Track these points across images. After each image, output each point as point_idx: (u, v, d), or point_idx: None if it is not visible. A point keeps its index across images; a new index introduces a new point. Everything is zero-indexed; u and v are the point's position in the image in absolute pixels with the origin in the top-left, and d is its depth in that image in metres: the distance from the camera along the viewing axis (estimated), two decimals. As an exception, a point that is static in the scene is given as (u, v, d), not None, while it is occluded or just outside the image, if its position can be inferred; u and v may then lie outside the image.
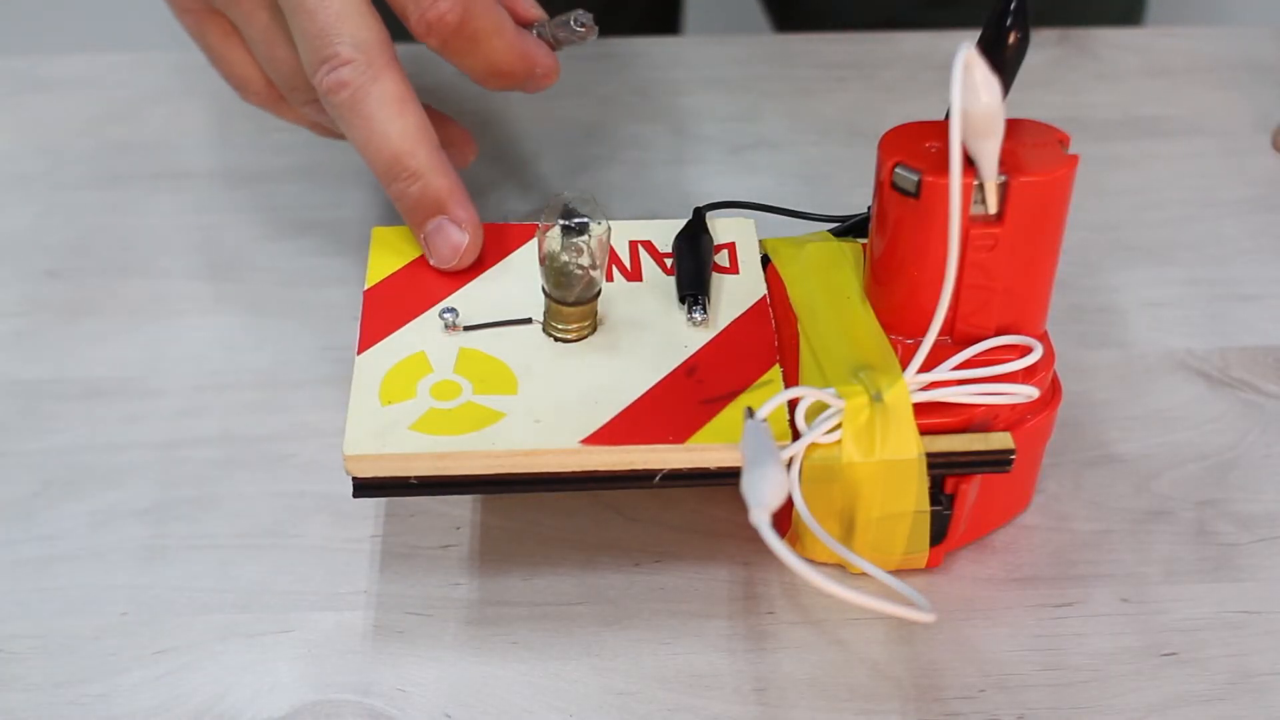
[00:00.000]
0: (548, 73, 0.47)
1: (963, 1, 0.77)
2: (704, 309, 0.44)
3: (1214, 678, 0.42)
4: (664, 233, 0.47)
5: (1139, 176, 0.62)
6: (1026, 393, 0.41)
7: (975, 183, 0.39)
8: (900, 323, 0.42)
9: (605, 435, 0.40)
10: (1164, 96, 0.67)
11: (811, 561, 0.44)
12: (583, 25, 0.47)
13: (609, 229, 0.42)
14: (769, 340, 0.43)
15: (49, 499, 0.47)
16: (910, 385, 0.40)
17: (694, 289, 0.44)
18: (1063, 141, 0.40)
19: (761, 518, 0.34)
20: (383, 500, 0.46)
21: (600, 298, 0.43)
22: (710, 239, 0.46)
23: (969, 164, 0.38)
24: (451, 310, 0.43)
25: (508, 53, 0.45)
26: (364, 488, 0.40)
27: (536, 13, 0.48)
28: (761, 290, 0.45)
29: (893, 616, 0.36)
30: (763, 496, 0.34)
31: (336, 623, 0.43)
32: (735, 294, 0.45)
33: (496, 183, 0.61)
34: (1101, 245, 0.58)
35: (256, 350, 0.53)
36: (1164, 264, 0.57)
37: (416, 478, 0.40)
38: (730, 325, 0.44)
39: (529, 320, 0.44)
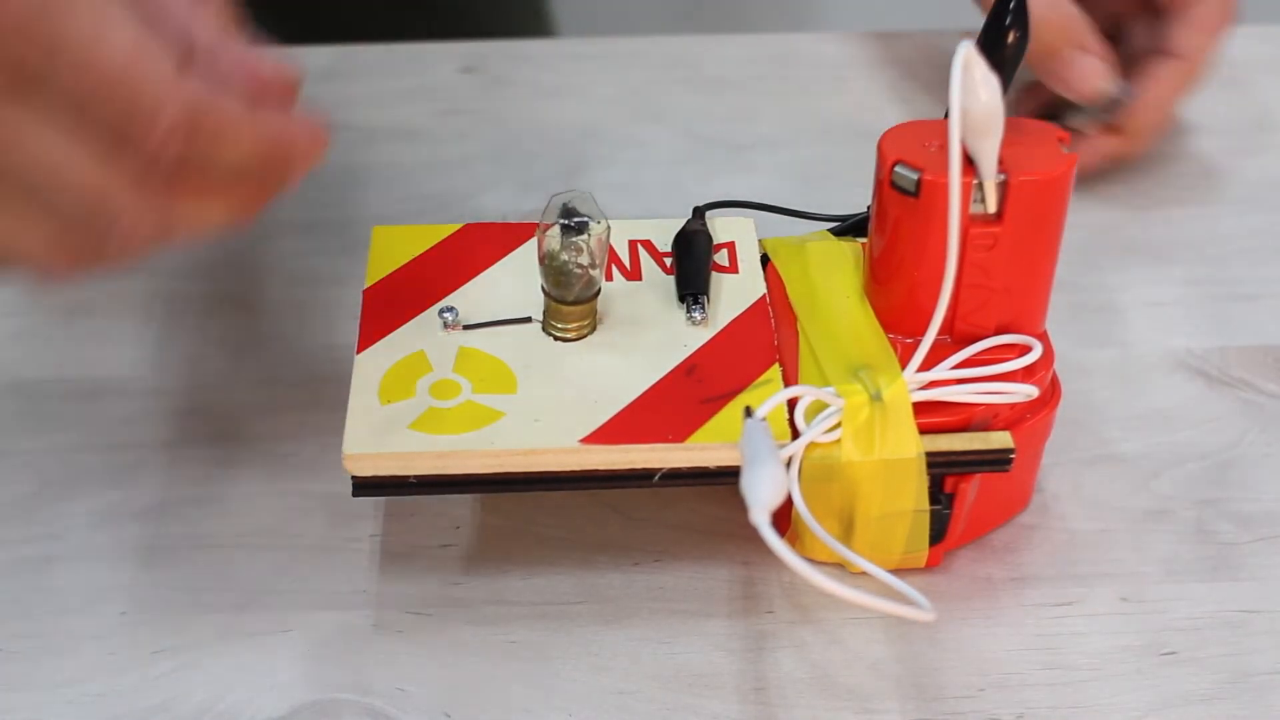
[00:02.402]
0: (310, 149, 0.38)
1: None
2: (703, 308, 0.44)
3: (1214, 677, 0.42)
4: (664, 232, 0.47)
5: (1139, 176, 0.62)
6: (1026, 391, 0.41)
7: (974, 182, 0.39)
8: (900, 322, 0.42)
9: (604, 434, 0.40)
10: (1164, 96, 0.67)
11: (811, 561, 0.44)
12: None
13: (608, 228, 0.42)
14: (768, 339, 0.43)
15: (49, 499, 0.47)
16: (909, 384, 0.40)
17: (693, 288, 0.44)
18: (1062, 140, 0.40)
19: (761, 517, 0.34)
20: (382, 500, 0.46)
21: (600, 297, 0.43)
22: (710, 238, 0.46)
23: (968, 163, 0.38)
24: (451, 309, 0.43)
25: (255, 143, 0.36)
26: (363, 486, 0.40)
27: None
28: (761, 289, 0.45)
29: (894, 616, 0.36)
30: (762, 496, 0.34)
31: (336, 622, 0.43)
32: (735, 293, 0.45)
33: (496, 183, 0.61)
34: (1101, 245, 0.58)
35: (257, 350, 0.53)
36: (1164, 264, 0.57)
37: (415, 477, 0.40)
38: (730, 324, 0.44)
39: (528, 319, 0.44)
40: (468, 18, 0.82)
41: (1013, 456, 0.41)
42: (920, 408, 0.40)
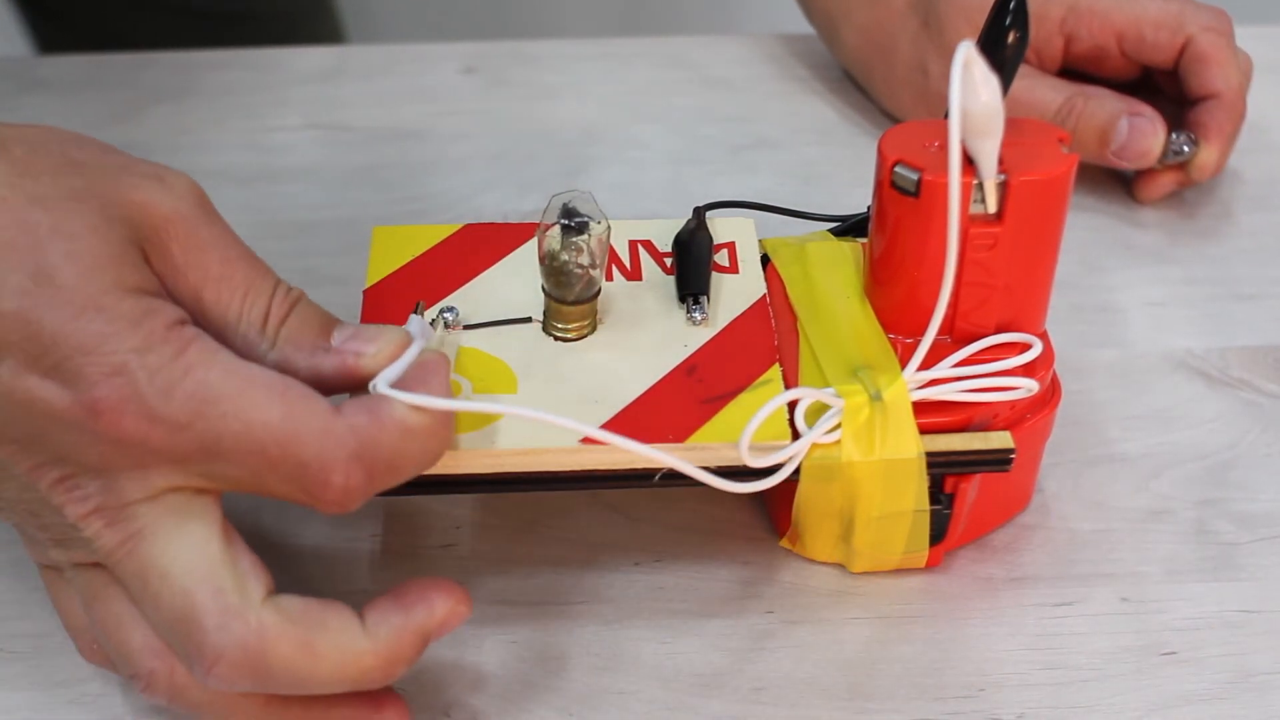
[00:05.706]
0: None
1: None
2: (704, 308, 0.44)
3: (1214, 677, 0.42)
4: (664, 232, 0.47)
5: (1139, 176, 0.62)
6: (1027, 385, 0.41)
7: (975, 182, 0.39)
8: (900, 322, 0.42)
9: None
10: (1164, 96, 0.67)
11: (812, 561, 0.44)
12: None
13: (609, 228, 0.42)
14: (769, 339, 0.43)
15: (49, 499, 0.47)
16: (910, 384, 0.40)
17: (694, 288, 0.44)
18: (1062, 140, 0.40)
19: (383, 387, 0.36)
20: (382, 500, 0.46)
21: (600, 297, 0.43)
22: (710, 238, 0.46)
23: (969, 163, 0.38)
24: (451, 309, 0.43)
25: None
26: (363, 487, 0.40)
27: None
28: (761, 289, 0.45)
29: (706, 484, 0.38)
30: (388, 373, 0.37)
31: (336, 622, 0.43)
32: (735, 293, 0.45)
33: (496, 183, 0.61)
34: (1101, 245, 0.58)
35: (256, 350, 0.52)
36: (1164, 264, 0.57)
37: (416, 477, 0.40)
38: (730, 324, 0.44)
39: (529, 319, 0.44)
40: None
41: (1013, 456, 0.41)
42: (920, 407, 0.40)
